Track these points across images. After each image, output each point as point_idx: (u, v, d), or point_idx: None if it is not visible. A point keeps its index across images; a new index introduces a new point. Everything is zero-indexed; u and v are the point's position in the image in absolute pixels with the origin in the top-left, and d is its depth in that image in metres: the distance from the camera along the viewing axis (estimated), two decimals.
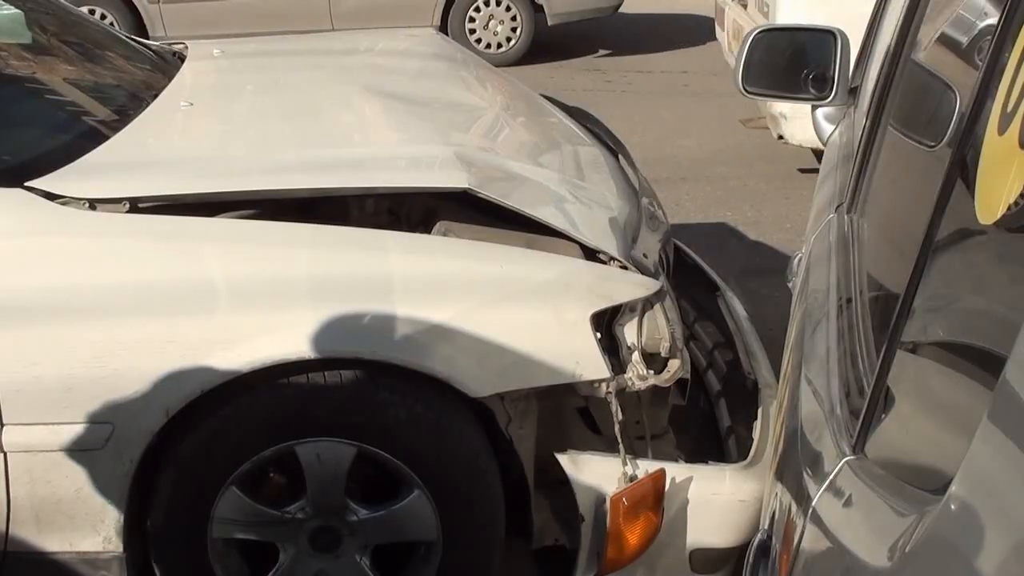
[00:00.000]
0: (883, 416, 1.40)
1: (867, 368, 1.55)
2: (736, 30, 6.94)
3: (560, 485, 2.69)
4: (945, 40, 1.92)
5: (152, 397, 2.46)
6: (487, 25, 10.26)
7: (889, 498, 1.22)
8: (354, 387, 2.54)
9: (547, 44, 10.57)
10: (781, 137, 6.28)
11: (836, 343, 1.82)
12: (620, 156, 3.62)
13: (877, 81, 2.44)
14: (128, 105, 3.13)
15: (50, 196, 2.51)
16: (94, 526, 2.58)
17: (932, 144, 1.72)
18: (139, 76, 3.45)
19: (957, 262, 1.32)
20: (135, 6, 9.84)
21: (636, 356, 2.62)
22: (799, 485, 1.57)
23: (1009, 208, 1.08)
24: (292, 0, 9.96)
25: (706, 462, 2.75)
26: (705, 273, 3.75)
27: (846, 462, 1.42)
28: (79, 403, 2.45)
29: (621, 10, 10.92)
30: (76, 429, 2.48)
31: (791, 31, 3.27)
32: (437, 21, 10.04)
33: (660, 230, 3.20)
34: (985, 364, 1.08)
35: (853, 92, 3.07)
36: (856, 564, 1.20)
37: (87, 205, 2.52)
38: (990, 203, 1.14)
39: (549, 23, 10.33)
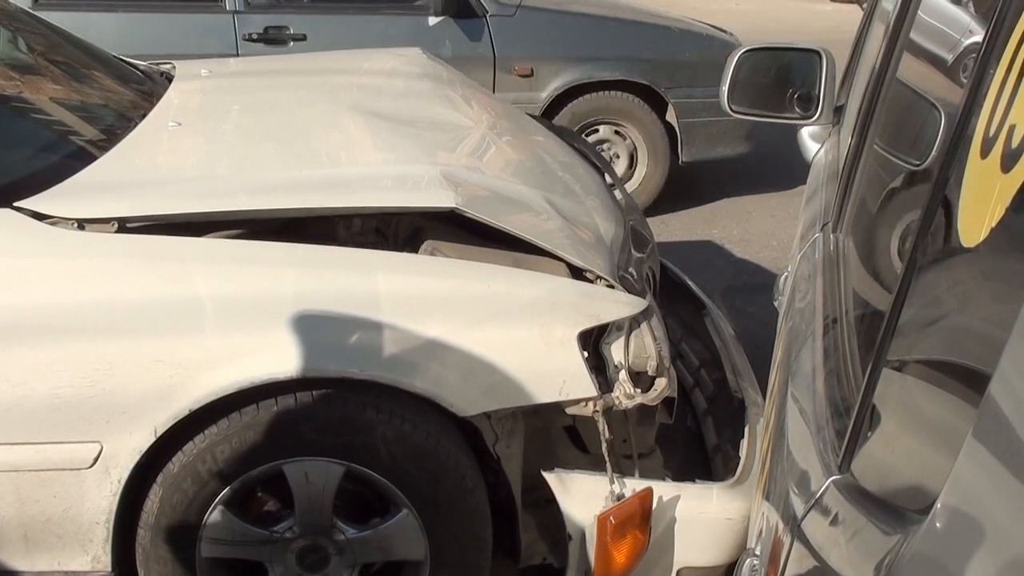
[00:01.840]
0: (869, 435, 1.41)
1: (853, 387, 1.55)
2: None
3: (547, 504, 2.69)
4: (930, 59, 1.93)
5: (140, 416, 2.46)
6: None
7: (875, 517, 1.22)
8: (342, 406, 2.54)
9: None
10: None
11: (822, 362, 1.83)
12: (606, 174, 3.63)
13: (862, 100, 2.46)
14: (116, 125, 3.13)
15: (38, 216, 2.51)
16: (82, 545, 2.58)
17: (917, 163, 1.73)
18: (127, 96, 3.45)
19: (941, 280, 1.32)
20: None
21: (623, 375, 2.63)
22: (786, 504, 1.57)
23: (991, 232, 1.09)
24: None
25: (693, 480, 2.76)
26: (691, 291, 3.77)
27: (832, 481, 1.42)
28: (67, 422, 2.45)
29: None
30: (64, 448, 2.48)
31: (777, 51, 3.28)
32: None
33: (646, 248, 3.21)
34: (970, 382, 1.08)
35: (838, 111, 3.09)
36: None
37: (75, 225, 2.52)
38: (973, 226, 1.15)
39: None
